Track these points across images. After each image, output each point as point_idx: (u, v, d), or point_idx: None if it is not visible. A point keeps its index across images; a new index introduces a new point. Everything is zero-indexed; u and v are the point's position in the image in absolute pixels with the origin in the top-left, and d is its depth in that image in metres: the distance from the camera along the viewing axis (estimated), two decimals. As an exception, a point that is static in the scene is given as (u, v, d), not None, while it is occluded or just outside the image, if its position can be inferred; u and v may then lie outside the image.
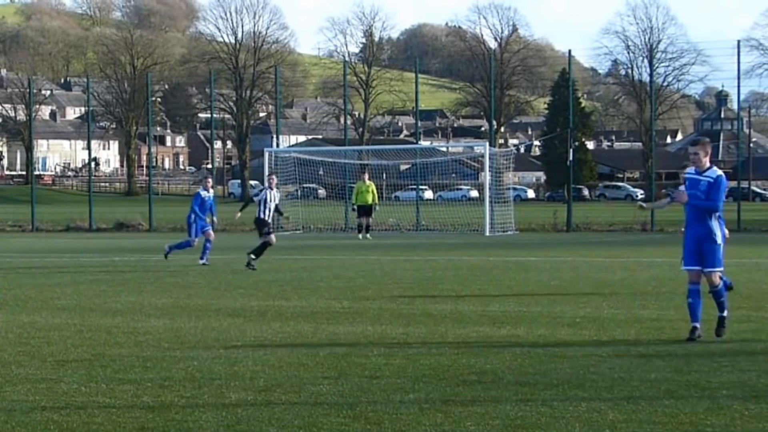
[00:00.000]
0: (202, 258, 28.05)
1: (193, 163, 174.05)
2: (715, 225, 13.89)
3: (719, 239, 13.94)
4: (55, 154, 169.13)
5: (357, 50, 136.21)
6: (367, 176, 44.78)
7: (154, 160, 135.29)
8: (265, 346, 13.54)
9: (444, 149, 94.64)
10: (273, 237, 27.14)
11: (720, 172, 13.95)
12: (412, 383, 10.86)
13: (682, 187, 14.46)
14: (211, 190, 29.70)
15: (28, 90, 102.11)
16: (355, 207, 44.18)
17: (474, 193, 73.74)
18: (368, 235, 43.09)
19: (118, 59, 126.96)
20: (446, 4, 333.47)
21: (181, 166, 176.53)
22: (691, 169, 13.99)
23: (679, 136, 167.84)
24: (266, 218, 27.14)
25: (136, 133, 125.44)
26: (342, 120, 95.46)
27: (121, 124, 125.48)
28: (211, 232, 29.04)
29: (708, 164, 14.05)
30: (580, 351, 12.95)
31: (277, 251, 35.23)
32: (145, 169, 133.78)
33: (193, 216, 29.12)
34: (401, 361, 12.25)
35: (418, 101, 58.55)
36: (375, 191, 44.10)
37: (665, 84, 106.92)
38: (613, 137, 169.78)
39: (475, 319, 16.31)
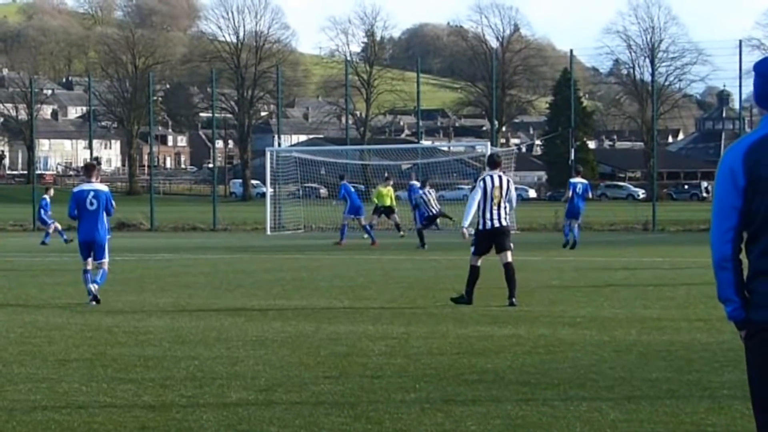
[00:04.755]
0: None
1: (195, 163, 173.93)
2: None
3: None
4: (57, 154, 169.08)
5: (358, 50, 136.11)
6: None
7: (156, 159, 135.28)
8: (267, 346, 13.54)
9: (445, 149, 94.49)
10: None
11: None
12: (413, 383, 10.86)
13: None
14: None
15: (29, 89, 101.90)
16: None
17: (475, 193, 73.66)
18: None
19: (119, 58, 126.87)
20: (448, 4, 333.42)
21: (183, 166, 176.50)
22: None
23: (681, 136, 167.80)
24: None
25: (138, 132, 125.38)
26: (343, 119, 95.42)
27: (123, 123, 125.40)
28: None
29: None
30: (582, 351, 12.95)
31: (278, 250, 35.26)
32: (146, 168, 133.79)
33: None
34: (402, 361, 12.25)
35: (420, 101, 58.58)
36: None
37: (667, 83, 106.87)
38: (615, 137, 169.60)
39: (476, 318, 16.31)
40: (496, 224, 18.04)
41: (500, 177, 18.18)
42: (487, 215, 18.02)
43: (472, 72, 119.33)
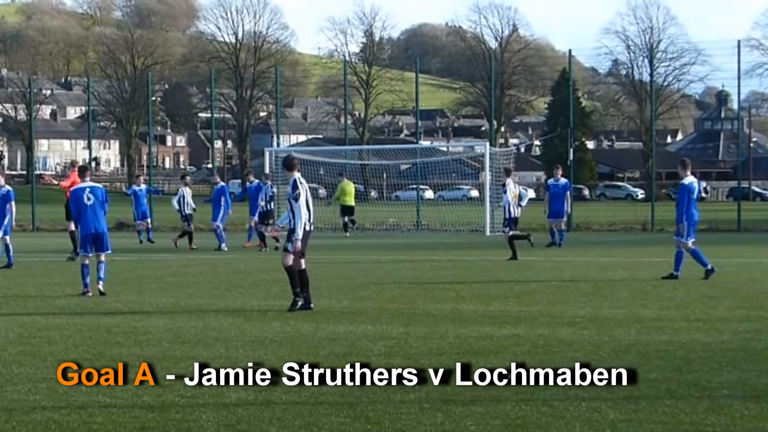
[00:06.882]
0: None
1: (194, 163, 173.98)
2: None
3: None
4: (56, 154, 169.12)
5: (357, 50, 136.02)
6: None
7: (155, 159, 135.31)
8: (266, 346, 13.54)
9: (444, 149, 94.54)
10: None
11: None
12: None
13: None
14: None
15: (28, 89, 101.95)
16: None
17: (474, 193, 73.70)
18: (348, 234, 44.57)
19: (118, 59, 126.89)
20: (446, 4, 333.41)
21: (182, 166, 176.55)
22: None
23: (680, 136, 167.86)
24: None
25: (137, 132, 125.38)
26: (342, 120, 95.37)
27: (122, 123, 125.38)
28: None
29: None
30: (581, 350, 12.95)
31: (277, 250, 35.20)
32: (145, 168, 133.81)
33: None
34: (402, 361, 12.24)
35: (419, 101, 58.52)
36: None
37: (665, 84, 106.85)
38: (614, 137, 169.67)
39: (476, 318, 16.30)
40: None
41: None
42: (311, 218, 18.11)
43: (470, 72, 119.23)
